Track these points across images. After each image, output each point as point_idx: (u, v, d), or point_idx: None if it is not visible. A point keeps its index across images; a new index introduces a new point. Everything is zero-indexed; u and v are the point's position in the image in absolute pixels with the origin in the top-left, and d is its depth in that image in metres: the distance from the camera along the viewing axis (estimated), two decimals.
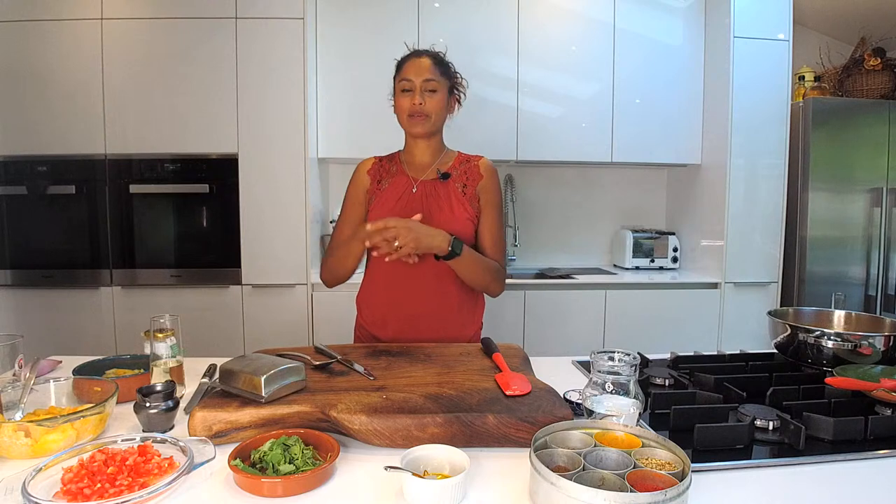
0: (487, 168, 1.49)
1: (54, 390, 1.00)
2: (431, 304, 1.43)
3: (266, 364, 0.93)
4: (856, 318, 1.36)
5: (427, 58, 1.42)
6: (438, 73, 1.41)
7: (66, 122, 2.49)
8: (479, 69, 2.77)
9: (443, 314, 1.44)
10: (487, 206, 1.47)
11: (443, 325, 1.44)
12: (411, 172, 1.48)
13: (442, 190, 1.44)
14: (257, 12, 2.50)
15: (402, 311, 1.44)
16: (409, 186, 1.45)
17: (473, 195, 1.46)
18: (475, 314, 1.52)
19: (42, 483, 0.73)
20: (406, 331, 1.43)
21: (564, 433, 0.80)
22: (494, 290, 1.47)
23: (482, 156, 1.52)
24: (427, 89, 1.39)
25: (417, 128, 1.42)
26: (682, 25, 2.89)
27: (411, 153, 1.50)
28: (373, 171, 1.51)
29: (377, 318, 1.47)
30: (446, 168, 1.48)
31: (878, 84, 2.83)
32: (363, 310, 1.52)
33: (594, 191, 3.28)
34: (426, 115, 1.40)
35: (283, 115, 2.54)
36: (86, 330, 2.54)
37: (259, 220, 2.57)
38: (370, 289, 1.51)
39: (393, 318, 1.44)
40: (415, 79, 1.39)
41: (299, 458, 0.78)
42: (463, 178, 1.47)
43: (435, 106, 1.41)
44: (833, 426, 0.89)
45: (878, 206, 2.75)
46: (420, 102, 1.39)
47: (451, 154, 1.52)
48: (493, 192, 1.48)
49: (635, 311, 2.72)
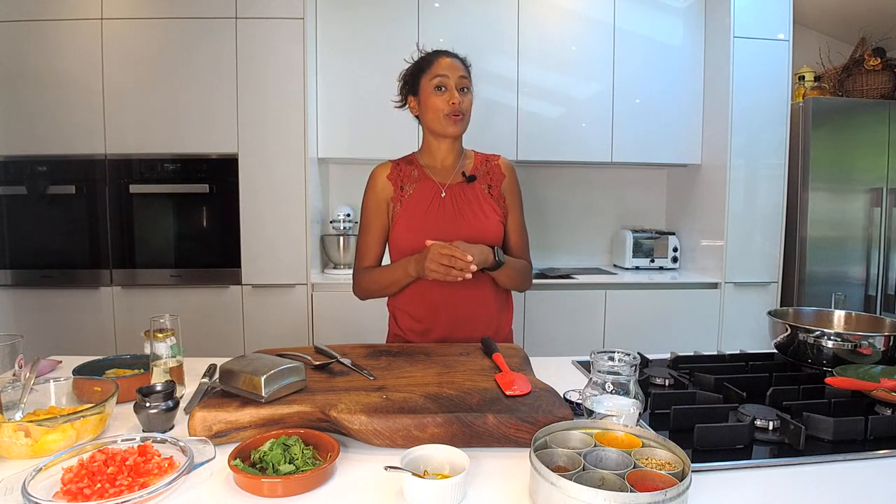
0: (508, 167, 1.49)
1: (54, 390, 1.00)
2: (471, 308, 1.41)
3: (266, 364, 0.92)
4: (856, 318, 1.36)
5: (455, 58, 1.39)
6: (468, 73, 1.39)
7: (66, 122, 2.49)
8: (479, 69, 2.72)
9: (482, 317, 1.42)
10: (513, 205, 1.47)
11: (482, 327, 1.41)
12: (436, 177, 1.44)
13: (471, 193, 1.42)
14: (257, 12, 2.50)
15: (443, 316, 1.40)
16: (436, 192, 1.41)
17: (499, 195, 1.45)
18: (508, 314, 1.52)
19: (42, 483, 0.73)
20: (448, 337, 1.40)
21: (564, 433, 0.80)
22: (526, 288, 1.48)
23: (499, 154, 1.51)
24: (461, 87, 1.36)
25: (455, 127, 1.37)
26: (682, 25, 2.89)
27: (433, 156, 1.45)
28: (393, 177, 1.43)
29: (418, 325, 1.43)
30: (469, 169, 1.45)
31: (878, 84, 2.83)
32: (401, 317, 1.47)
33: (594, 191, 3.28)
34: (463, 113, 1.36)
35: (283, 115, 2.54)
36: (86, 330, 2.54)
37: (259, 220, 2.57)
38: (408, 296, 1.44)
39: (435, 325, 1.41)
40: (451, 75, 1.35)
41: (299, 458, 0.78)
42: (487, 178, 1.45)
43: (469, 105, 1.38)
44: (833, 426, 0.89)
45: (878, 206, 2.74)
46: (459, 100, 1.35)
47: (468, 154, 1.50)
48: (516, 191, 1.49)
49: (635, 311, 2.72)
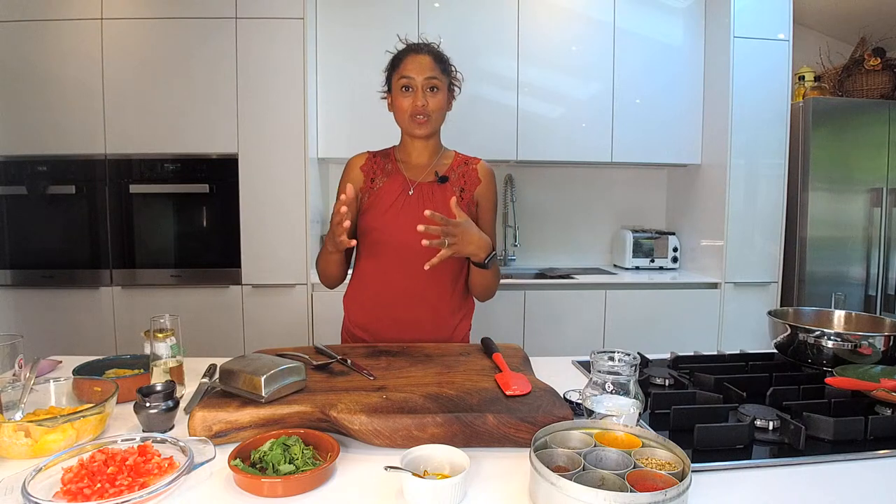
0: (486, 172, 1.44)
1: (54, 390, 1.00)
2: (424, 308, 1.37)
3: (266, 364, 0.92)
4: (856, 318, 1.36)
5: (427, 55, 1.34)
6: (439, 71, 1.34)
7: (66, 122, 2.49)
8: (479, 69, 2.77)
9: (435, 319, 1.39)
10: (484, 211, 1.44)
11: (434, 329, 1.38)
12: (408, 173, 1.41)
13: (439, 194, 1.39)
14: (257, 12, 2.50)
15: (392, 314, 1.38)
16: (405, 188, 1.39)
17: (471, 200, 1.42)
18: (466, 318, 1.47)
19: (42, 483, 0.73)
20: (394, 335, 1.36)
21: (564, 433, 0.80)
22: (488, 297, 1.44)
23: (479, 158, 1.47)
24: (429, 87, 1.33)
25: (420, 129, 1.35)
26: (682, 25, 2.89)
27: (408, 153, 1.43)
28: (366, 168, 1.43)
29: (364, 320, 1.41)
30: (444, 170, 1.42)
31: (878, 84, 2.83)
32: (351, 311, 1.46)
33: (594, 191, 3.28)
34: (428, 115, 1.34)
35: (283, 115, 2.54)
36: (86, 330, 2.54)
37: (259, 220, 2.57)
38: (358, 289, 1.44)
39: (382, 322, 1.39)
40: (417, 77, 1.32)
41: (299, 458, 0.78)
42: (461, 181, 1.42)
43: (437, 105, 1.34)
44: (833, 426, 0.89)
45: (878, 206, 2.74)
46: (423, 103, 1.32)
47: (448, 154, 1.46)
48: (491, 197, 1.45)
49: (635, 311, 2.72)
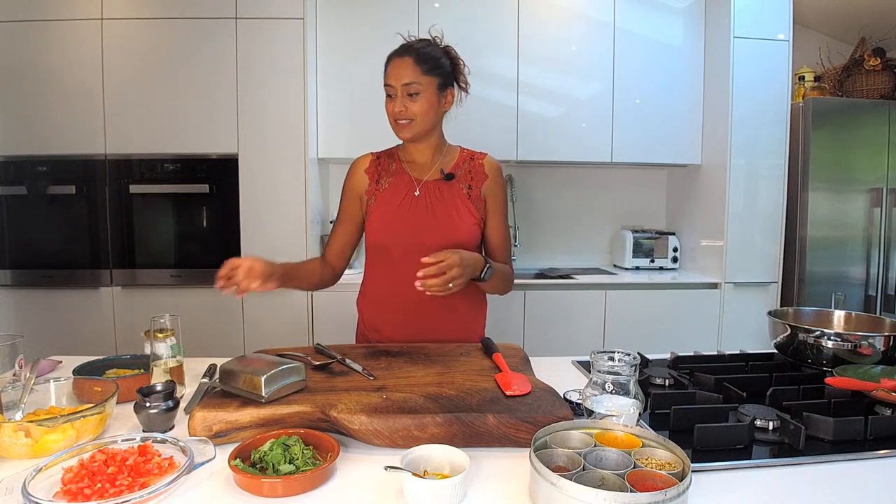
0: (492, 167, 1.43)
1: (54, 390, 1.01)
2: (438, 309, 1.37)
3: (266, 364, 0.93)
4: (856, 318, 1.36)
5: (409, 57, 1.31)
6: (420, 73, 1.30)
7: (66, 122, 2.49)
8: (479, 69, 2.75)
9: (450, 319, 1.39)
10: (494, 208, 1.43)
11: (449, 329, 1.39)
12: (413, 172, 1.40)
13: (447, 192, 1.38)
14: (257, 12, 2.50)
15: (408, 316, 1.38)
16: (411, 188, 1.38)
17: (479, 197, 1.40)
18: (480, 317, 1.49)
19: (42, 483, 0.73)
20: (411, 337, 1.37)
21: (564, 433, 0.80)
22: (506, 292, 1.45)
23: (486, 153, 1.46)
24: (408, 93, 1.30)
25: (402, 133, 1.35)
26: (682, 25, 2.89)
27: (410, 152, 1.43)
28: (371, 170, 1.43)
29: (380, 323, 1.42)
30: (450, 166, 1.41)
31: (878, 84, 2.83)
32: (365, 314, 1.47)
33: (594, 191, 3.28)
34: (409, 119, 1.32)
35: (283, 115, 2.54)
36: (86, 330, 2.54)
37: (259, 220, 2.57)
38: (372, 292, 1.44)
39: (399, 324, 1.39)
40: (395, 84, 1.31)
41: (299, 458, 0.78)
42: (468, 177, 1.40)
43: (418, 109, 1.31)
44: (833, 426, 0.89)
45: (878, 206, 2.74)
46: (401, 109, 1.31)
47: (453, 150, 1.45)
48: (499, 193, 1.44)
49: (635, 312, 2.72)
